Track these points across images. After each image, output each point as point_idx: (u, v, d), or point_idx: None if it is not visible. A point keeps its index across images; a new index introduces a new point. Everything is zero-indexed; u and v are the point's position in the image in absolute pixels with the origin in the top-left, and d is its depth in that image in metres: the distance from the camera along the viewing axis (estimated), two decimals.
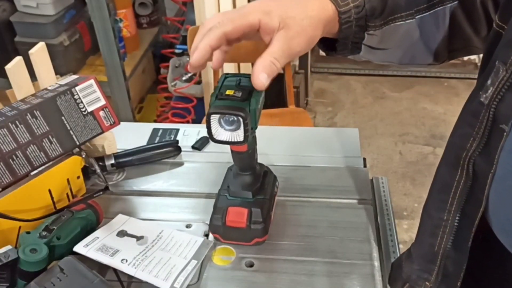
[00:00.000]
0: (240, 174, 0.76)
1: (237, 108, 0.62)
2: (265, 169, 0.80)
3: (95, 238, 0.72)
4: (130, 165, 0.91)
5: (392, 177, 2.25)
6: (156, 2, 2.43)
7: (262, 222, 0.73)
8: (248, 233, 0.74)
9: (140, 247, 0.73)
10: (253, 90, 0.64)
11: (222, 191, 0.77)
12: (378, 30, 0.65)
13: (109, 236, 0.74)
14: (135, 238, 0.75)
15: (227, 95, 0.63)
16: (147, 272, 0.68)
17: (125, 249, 0.72)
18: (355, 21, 0.64)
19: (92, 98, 0.79)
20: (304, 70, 2.62)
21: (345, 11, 0.63)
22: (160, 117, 2.34)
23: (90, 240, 0.72)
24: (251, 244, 0.75)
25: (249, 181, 0.75)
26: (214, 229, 0.76)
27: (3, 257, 0.63)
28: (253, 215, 0.73)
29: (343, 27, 0.63)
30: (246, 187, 0.75)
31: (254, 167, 0.76)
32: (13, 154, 0.72)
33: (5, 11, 1.94)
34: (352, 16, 0.63)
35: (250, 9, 0.58)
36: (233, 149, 0.72)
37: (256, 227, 0.73)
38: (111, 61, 1.88)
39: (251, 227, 0.73)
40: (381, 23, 0.65)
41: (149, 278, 0.68)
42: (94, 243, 0.72)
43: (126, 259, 0.70)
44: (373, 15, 0.64)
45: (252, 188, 0.75)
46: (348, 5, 0.63)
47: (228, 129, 0.64)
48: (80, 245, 0.71)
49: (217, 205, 0.76)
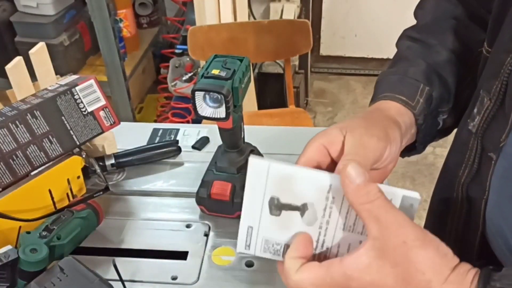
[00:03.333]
0: (227, 151, 0.81)
1: (220, 87, 0.67)
2: (251, 148, 0.84)
3: (249, 229, 0.50)
4: (130, 165, 0.91)
5: (392, 177, 2.24)
6: (156, 2, 2.43)
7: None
8: (231, 206, 0.78)
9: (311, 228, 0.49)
10: (237, 70, 0.69)
11: (210, 167, 0.82)
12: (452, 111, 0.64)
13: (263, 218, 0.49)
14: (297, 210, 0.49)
15: (213, 74, 0.69)
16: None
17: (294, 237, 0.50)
18: (429, 115, 0.61)
19: (92, 98, 0.79)
20: (304, 70, 2.62)
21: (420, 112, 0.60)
22: (160, 117, 2.34)
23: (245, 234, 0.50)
24: (234, 217, 0.79)
25: (234, 158, 0.80)
26: (200, 200, 0.81)
27: (3, 257, 0.63)
28: (237, 189, 0.78)
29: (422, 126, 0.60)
30: (231, 163, 0.80)
31: (240, 144, 0.81)
32: (13, 154, 0.72)
33: (5, 11, 1.94)
34: (426, 111, 0.61)
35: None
36: (219, 125, 0.76)
37: (238, 201, 0.77)
38: (111, 61, 1.88)
39: (234, 200, 0.77)
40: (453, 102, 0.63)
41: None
42: (253, 238, 0.50)
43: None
44: (443, 100, 0.63)
45: (237, 164, 0.80)
46: (419, 102, 0.60)
47: (211, 106, 0.69)
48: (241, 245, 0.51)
49: (204, 179, 0.81)
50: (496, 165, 0.53)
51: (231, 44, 1.73)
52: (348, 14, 2.77)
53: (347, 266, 0.44)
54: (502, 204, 0.53)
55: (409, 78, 0.62)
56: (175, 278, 0.72)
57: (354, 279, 0.44)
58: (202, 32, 1.72)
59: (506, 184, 0.52)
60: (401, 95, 0.59)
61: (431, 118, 0.62)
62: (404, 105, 0.59)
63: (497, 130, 0.52)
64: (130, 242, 0.78)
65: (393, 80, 0.63)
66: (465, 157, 0.58)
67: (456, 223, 0.61)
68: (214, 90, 0.68)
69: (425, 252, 0.43)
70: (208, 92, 0.68)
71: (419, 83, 0.61)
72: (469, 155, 0.57)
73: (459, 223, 0.61)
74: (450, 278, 0.43)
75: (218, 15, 1.87)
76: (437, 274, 0.43)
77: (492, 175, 0.54)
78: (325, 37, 2.87)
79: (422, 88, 0.61)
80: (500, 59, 0.52)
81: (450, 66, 0.64)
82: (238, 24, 1.84)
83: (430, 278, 0.43)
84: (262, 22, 1.77)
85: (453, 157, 0.63)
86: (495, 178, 0.54)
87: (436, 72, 0.63)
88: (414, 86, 0.61)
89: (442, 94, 0.62)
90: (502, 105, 0.52)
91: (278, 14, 2.45)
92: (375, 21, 2.72)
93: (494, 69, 0.53)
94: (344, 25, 2.81)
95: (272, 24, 1.75)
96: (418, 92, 0.60)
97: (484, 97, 0.55)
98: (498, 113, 0.53)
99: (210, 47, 1.71)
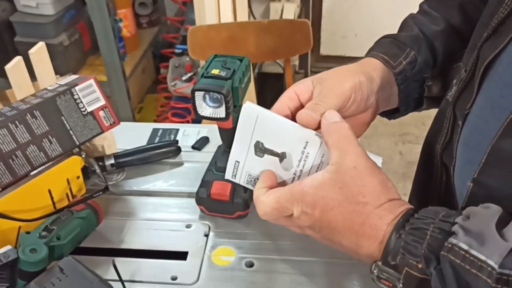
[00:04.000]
0: (227, 151, 0.81)
1: (220, 86, 0.67)
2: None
3: (236, 163, 0.61)
4: (130, 165, 0.91)
5: (392, 177, 2.25)
6: (156, 2, 2.43)
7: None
8: (231, 206, 0.78)
9: (287, 173, 0.59)
10: (237, 69, 0.70)
11: (210, 167, 0.82)
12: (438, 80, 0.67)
13: (248, 156, 0.59)
14: (277, 156, 0.58)
15: (212, 74, 0.69)
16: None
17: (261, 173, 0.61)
18: (411, 77, 0.65)
19: (92, 98, 0.79)
20: (304, 70, 2.63)
21: (400, 71, 0.64)
22: (160, 117, 2.34)
23: (233, 166, 0.61)
24: (234, 217, 0.79)
25: None
26: (200, 201, 0.80)
27: (3, 257, 0.63)
28: (237, 189, 0.77)
29: (402, 87, 0.65)
30: None
31: None
32: (13, 154, 0.72)
33: (5, 11, 1.94)
34: (408, 73, 0.65)
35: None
36: (219, 125, 0.76)
37: (238, 201, 0.77)
38: (111, 61, 1.88)
39: (234, 200, 0.77)
40: (439, 71, 0.67)
41: None
42: (239, 171, 0.61)
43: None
44: (428, 66, 0.66)
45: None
46: (401, 63, 0.65)
47: (211, 105, 0.69)
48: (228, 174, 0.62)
49: (203, 179, 0.81)
50: (461, 133, 0.56)
51: (231, 44, 1.73)
52: (348, 14, 2.77)
53: (304, 183, 0.52)
54: (462, 169, 0.56)
55: (399, 41, 0.67)
56: (175, 278, 0.72)
57: (309, 194, 0.52)
58: (202, 32, 1.72)
59: (466, 150, 0.55)
60: (385, 54, 0.65)
61: (414, 81, 0.66)
62: (384, 63, 0.64)
63: (466, 100, 0.55)
64: (129, 242, 0.78)
65: (384, 42, 0.69)
66: (442, 125, 0.61)
67: (437, 190, 0.65)
68: (214, 90, 0.68)
69: (370, 179, 0.51)
70: (208, 92, 0.68)
71: (406, 47, 0.66)
72: (445, 124, 0.61)
73: (440, 189, 0.64)
74: (384, 206, 0.50)
75: (218, 15, 1.87)
76: (374, 199, 0.50)
77: (458, 142, 0.56)
78: (325, 37, 2.87)
79: (408, 51, 0.66)
80: (480, 33, 0.54)
81: (444, 37, 0.68)
82: (238, 24, 1.84)
83: (368, 200, 0.50)
84: (262, 22, 1.77)
85: (433, 125, 0.67)
86: (459, 145, 0.56)
87: (427, 39, 0.67)
88: (400, 49, 0.66)
89: (427, 60, 0.66)
90: (474, 77, 0.55)
91: (278, 14, 2.45)
92: (375, 21, 2.72)
93: (474, 42, 0.56)
94: (344, 25, 2.81)
95: (272, 24, 1.75)
96: (402, 55, 0.65)
97: (462, 69, 0.58)
98: (469, 84, 0.55)
99: (210, 47, 1.71)
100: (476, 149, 0.52)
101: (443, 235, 0.46)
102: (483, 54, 0.52)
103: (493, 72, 0.51)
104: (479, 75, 0.52)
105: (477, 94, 0.53)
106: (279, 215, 0.55)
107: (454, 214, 0.48)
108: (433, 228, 0.47)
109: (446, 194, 0.63)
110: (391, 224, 0.49)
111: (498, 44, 0.50)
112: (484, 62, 0.51)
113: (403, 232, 0.48)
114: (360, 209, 0.50)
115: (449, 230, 0.47)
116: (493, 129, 0.49)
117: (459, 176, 0.57)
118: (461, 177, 0.57)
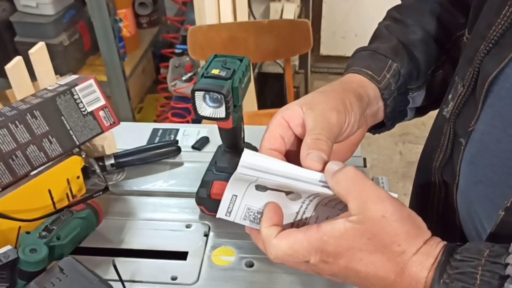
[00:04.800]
0: (227, 151, 0.81)
1: (220, 86, 0.67)
2: (251, 148, 0.84)
3: (233, 197, 0.53)
4: (130, 165, 0.91)
5: (392, 177, 2.25)
6: (156, 2, 2.43)
7: None
8: None
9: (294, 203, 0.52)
10: (237, 70, 0.69)
11: (210, 167, 0.82)
12: (421, 90, 0.65)
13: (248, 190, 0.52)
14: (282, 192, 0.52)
15: (212, 74, 0.68)
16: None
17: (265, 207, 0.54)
18: (396, 90, 0.63)
19: (92, 98, 0.79)
20: (304, 70, 2.62)
21: (386, 86, 0.62)
22: (160, 117, 2.34)
23: (229, 201, 0.53)
24: None
25: (234, 158, 0.79)
26: (200, 201, 0.80)
27: (3, 257, 0.63)
28: None
29: (388, 101, 0.62)
30: (231, 163, 0.79)
31: (240, 144, 0.80)
32: (13, 154, 0.72)
33: (5, 11, 1.94)
34: (393, 87, 0.62)
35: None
36: (219, 125, 0.76)
37: None
38: (111, 61, 1.88)
39: None
40: (423, 81, 0.65)
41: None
42: (236, 205, 0.53)
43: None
44: (411, 77, 0.64)
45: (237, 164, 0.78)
46: (385, 77, 0.62)
47: (211, 105, 0.69)
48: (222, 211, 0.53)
49: (203, 179, 0.81)
50: (465, 151, 0.54)
51: (231, 44, 1.73)
52: (348, 14, 2.77)
53: (323, 231, 0.47)
54: (468, 189, 0.55)
55: (379, 54, 0.64)
56: (175, 278, 0.72)
57: (330, 244, 0.46)
58: (202, 32, 1.72)
59: (473, 169, 0.53)
60: (368, 69, 0.62)
61: (399, 94, 0.63)
62: (369, 79, 0.61)
63: (468, 116, 0.53)
64: (129, 242, 0.78)
65: (363, 55, 0.65)
66: (439, 142, 0.60)
67: (437, 205, 0.63)
68: (214, 90, 0.67)
69: (402, 225, 0.46)
70: (208, 92, 0.68)
71: (387, 59, 0.63)
72: (443, 141, 0.59)
73: (439, 205, 0.63)
74: (421, 250, 0.46)
75: (218, 15, 1.87)
76: (411, 246, 0.46)
77: (461, 160, 0.55)
78: (325, 37, 2.87)
79: (390, 64, 0.63)
80: (475, 45, 0.53)
81: (423, 45, 0.65)
82: (238, 24, 1.84)
83: (404, 249, 0.46)
84: (262, 22, 1.77)
85: (429, 142, 0.65)
86: (463, 164, 0.55)
87: (407, 49, 0.64)
88: (382, 62, 0.63)
89: (410, 71, 0.64)
90: (474, 92, 0.53)
91: (278, 14, 2.45)
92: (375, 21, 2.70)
93: (469, 56, 0.54)
94: (344, 25, 2.81)
95: (272, 24, 1.75)
96: (385, 68, 0.62)
97: (458, 83, 0.56)
98: (470, 100, 0.54)
99: (210, 47, 1.71)
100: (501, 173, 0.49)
101: (496, 279, 0.42)
102: (484, 68, 0.50)
103: (499, 88, 0.49)
104: (483, 91, 0.50)
105: (481, 110, 0.51)
106: (293, 261, 0.50)
107: (501, 252, 0.44)
108: (482, 272, 0.43)
109: (445, 211, 0.62)
110: (432, 269, 0.45)
111: (502, 58, 0.47)
112: (487, 77, 0.49)
113: (447, 277, 0.44)
114: (396, 258, 0.46)
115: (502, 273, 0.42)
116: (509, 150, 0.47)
117: (464, 194, 0.56)
118: (466, 195, 0.55)
